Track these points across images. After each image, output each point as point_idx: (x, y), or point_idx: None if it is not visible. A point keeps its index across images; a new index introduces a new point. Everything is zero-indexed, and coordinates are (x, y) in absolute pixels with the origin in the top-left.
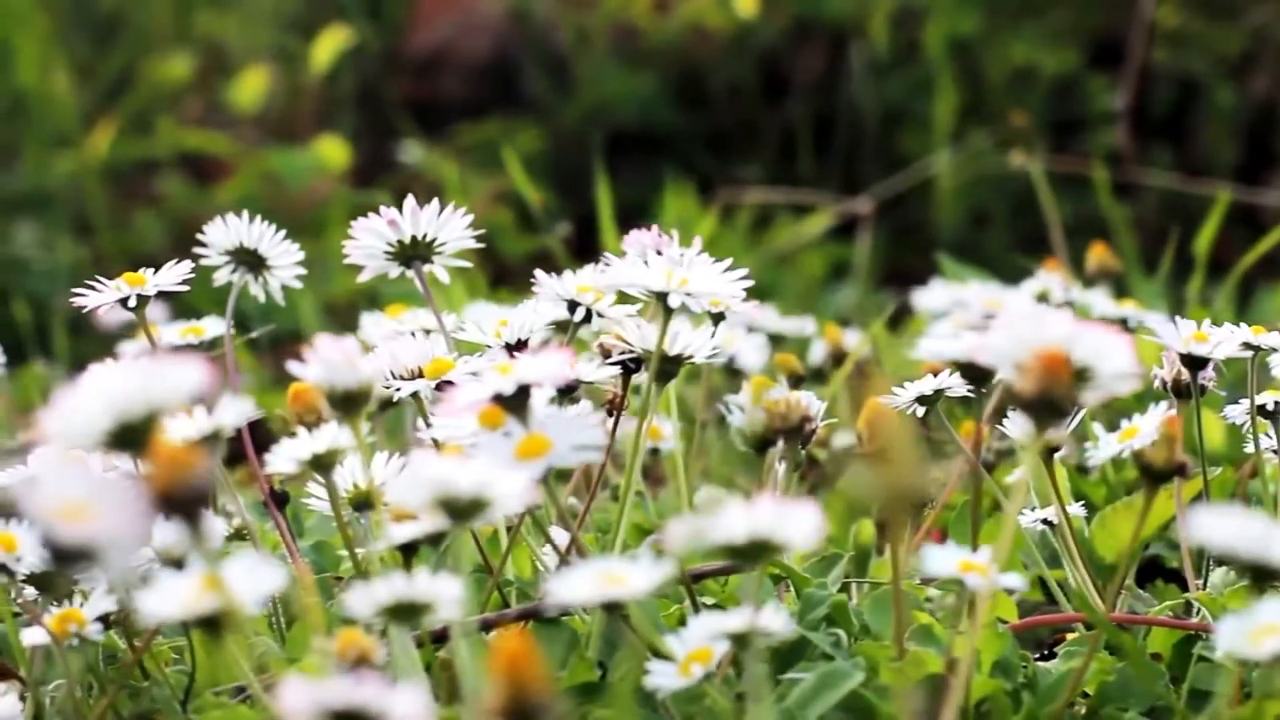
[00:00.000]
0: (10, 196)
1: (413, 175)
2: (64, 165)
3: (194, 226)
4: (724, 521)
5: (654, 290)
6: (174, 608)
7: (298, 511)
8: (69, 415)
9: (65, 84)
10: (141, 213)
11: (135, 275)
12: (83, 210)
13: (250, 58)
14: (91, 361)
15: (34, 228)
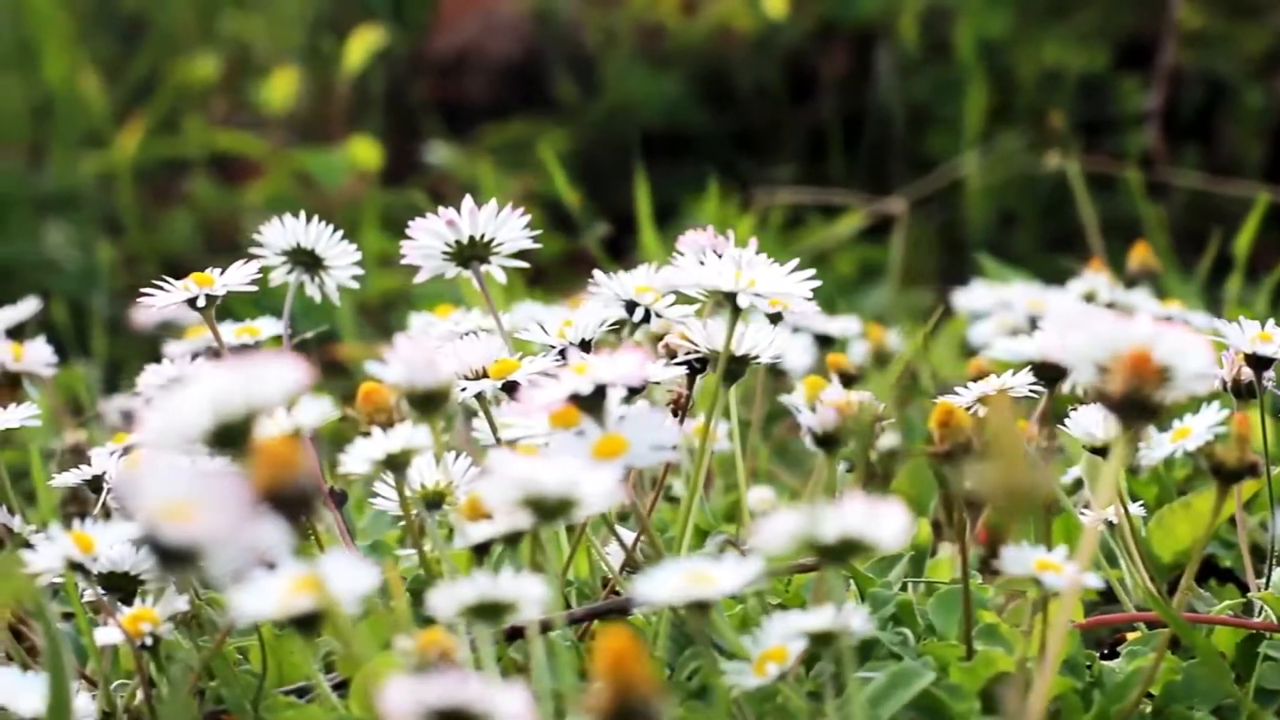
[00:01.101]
0: (40, 197)
1: (440, 176)
2: (92, 165)
3: (223, 227)
4: (814, 521)
5: (723, 291)
6: (269, 606)
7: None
8: (170, 415)
9: (94, 84)
10: (171, 213)
11: (203, 275)
12: (111, 210)
13: (275, 59)
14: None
15: (64, 228)
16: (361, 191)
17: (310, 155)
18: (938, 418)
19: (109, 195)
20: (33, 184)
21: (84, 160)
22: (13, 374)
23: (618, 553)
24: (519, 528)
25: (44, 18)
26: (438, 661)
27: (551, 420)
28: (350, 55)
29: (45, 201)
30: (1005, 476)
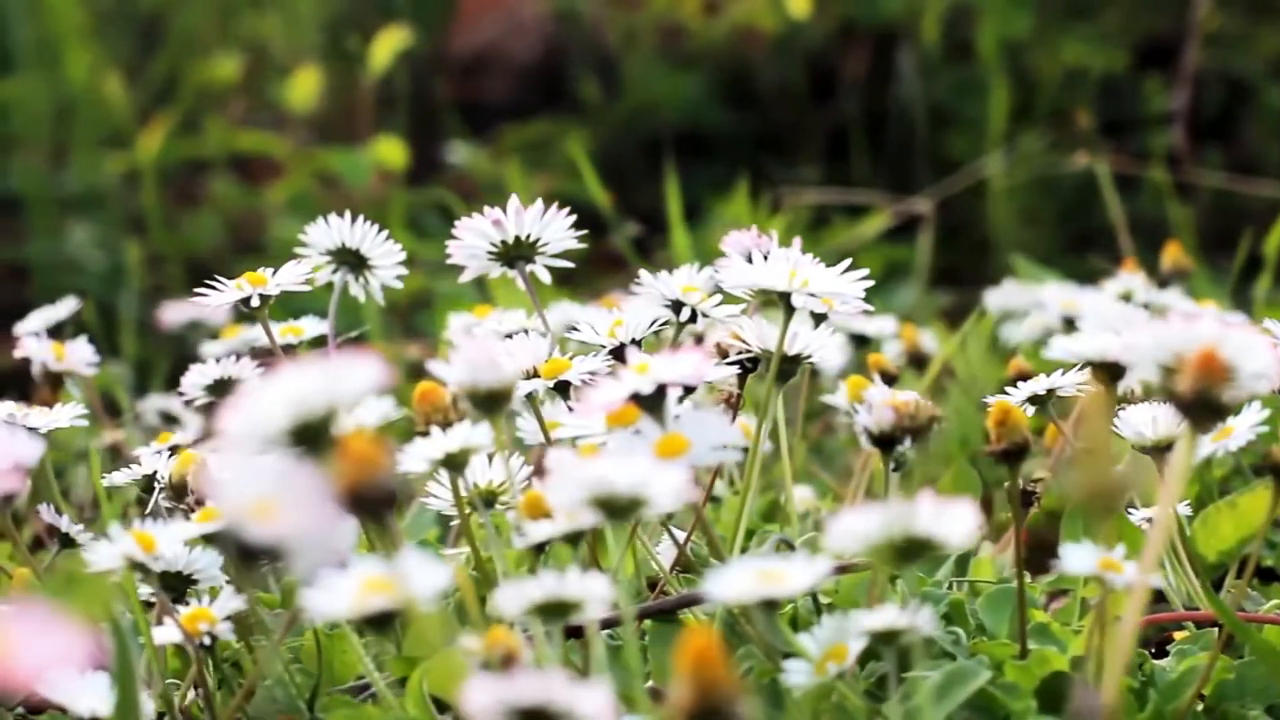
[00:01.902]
0: (64, 197)
1: (461, 176)
2: (115, 165)
3: (245, 226)
4: (883, 520)
5: (778, 290)
6: (343, 606)
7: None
8: (249, 414)
9: (116, 85)
10: (193, 213)
11: (256, 275)
12: (134, 210)
13: (294, 59)
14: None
15: (88, 228)
16: (383, 191)
17: (335, 155)
18: (995, 417)
19: (132, 195)
20: (56, 184)
21: (107, 160)
22: (55, 373)
23: (667, 552)
24: (581, 527)
25: (64, 17)
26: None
27: (609, 420)
28: (376, 55)
29: (69, 201)
30: (1094, 475)
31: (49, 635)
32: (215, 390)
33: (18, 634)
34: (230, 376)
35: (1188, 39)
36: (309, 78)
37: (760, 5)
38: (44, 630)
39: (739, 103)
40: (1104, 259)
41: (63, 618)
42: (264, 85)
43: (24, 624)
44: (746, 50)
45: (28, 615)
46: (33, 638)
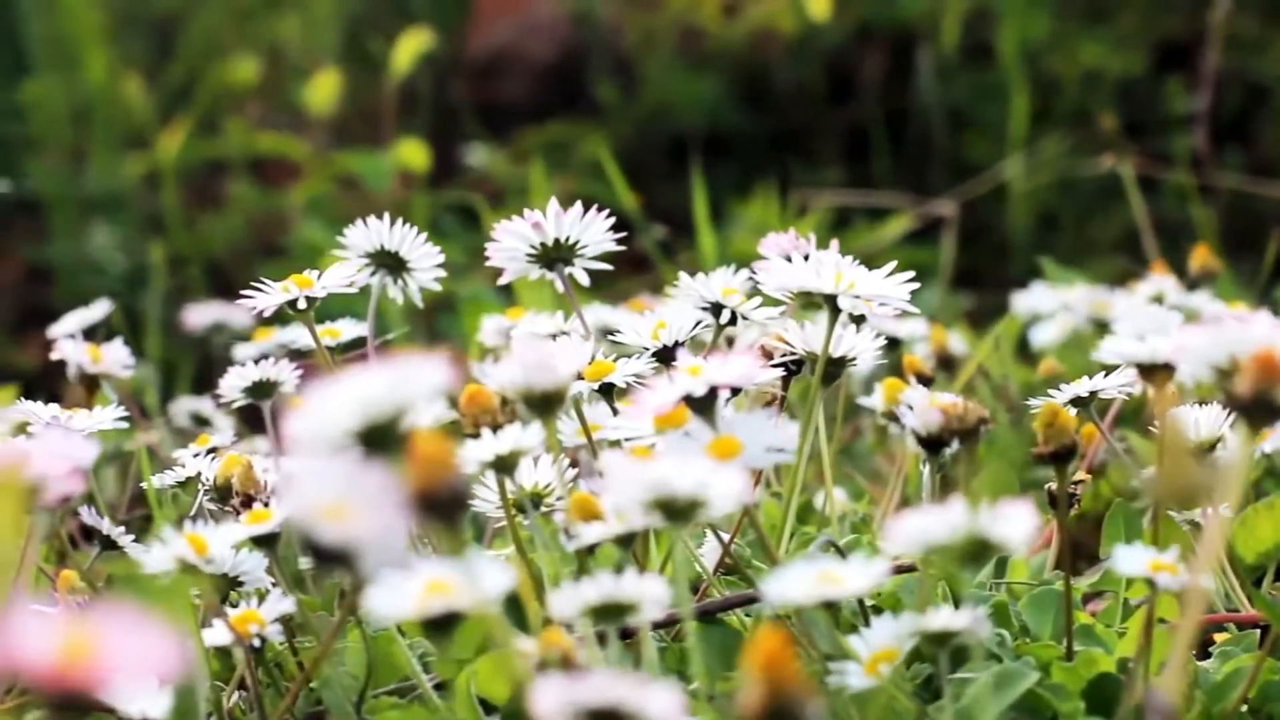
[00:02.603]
0: (84, 198)
1: (480, 177)
2: (136, 167)
3: (264, 228)
4: (941, 520)
5: (823, 293)
6: (406, 607)
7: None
8: (316, 416)
9: (134, 86)
10: (215, 214)
11: (303, 277)
12: (153, 212)
13: (312, 61)
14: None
15: (108, 230)
16: (402, 193)
17: (357, 157)
18: (1043, 418)
19: (151, 197)
20: (76, 186)
21: (127, 162)
22: (91, 375)
23: (710, 554)
24: (633, 529)
25: (81, 19)
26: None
27: (658, 422)
28: (398, 57)
29: (89, 203)
30: (1175, 476)
31: (133, 637)
32: (254, 392)
33: (102, 635)
34: (268, 379)
35: (1207, 41)
36: (329, 80)
37: (780, 7)
38: (128, 632)
39: (756, 104)
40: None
41: (145, 619)
42: (281, 87)
43: (108, 625)
44: (764, 52)
45: (111, 617)
46: (117, 639)
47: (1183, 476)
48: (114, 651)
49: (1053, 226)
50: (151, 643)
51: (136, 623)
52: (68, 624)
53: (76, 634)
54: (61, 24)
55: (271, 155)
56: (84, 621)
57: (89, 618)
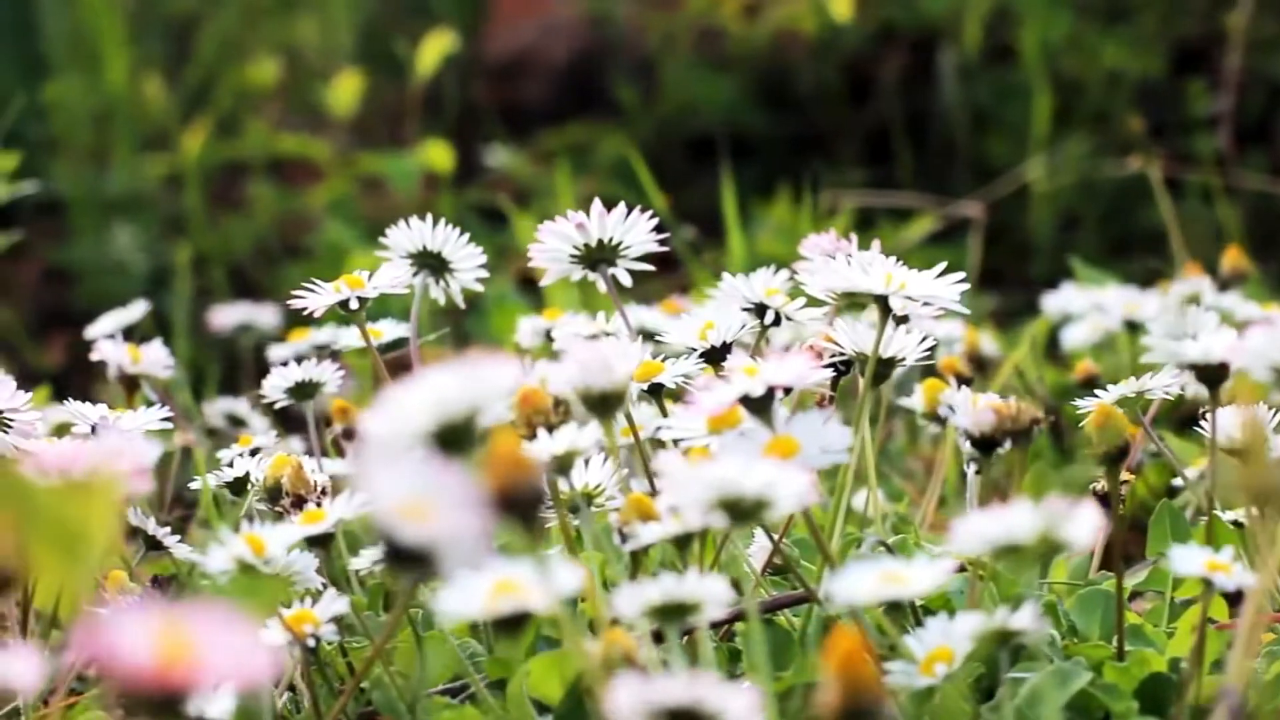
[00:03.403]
0: (106, 200)
1: (499, 179)
2: (157, 168)
3: (286, 230)
4: (1009, 520)
5: (875, 294)
6: (475, 607)
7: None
8: (391, 415)
9: (155, 87)
10: (234, 216)
11: (354, 278)
12: (173, 213)
13: (329, 63)
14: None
15: (130, 231)
16: (423, 195)
17: (383, 159)
18: (1096, 419)
19: (173, 198)
20: (98, 187)
21: (148, 163)
22: (131, 376)
23: (759, 554)
24: (690, 529)
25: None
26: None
27: (712, 423)
28: (423, 59)
29: (111, 204)
30: (1257, 476)
31: (228, 637)
32: (296, 393)
33: (198, 636)
34: (311, 380)
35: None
36: (351, 81)
37: (802, 8)
38: (223, 632)
39: (776, 105)
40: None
41: (238, 620)
42: (299, 88)
43: (202, 626)
44: (784, 53)
45: (204, 617)
46: (213, 640)
47: (1264, 476)
48: (211, 652)
49: (1074, 227)
50: (246, 643)
51: (230, 623)
52: (164, 624)
53: (173, 634)
54: (81, 25)
55: (291, 156)
56: (179, 622)
57: (183, 618)
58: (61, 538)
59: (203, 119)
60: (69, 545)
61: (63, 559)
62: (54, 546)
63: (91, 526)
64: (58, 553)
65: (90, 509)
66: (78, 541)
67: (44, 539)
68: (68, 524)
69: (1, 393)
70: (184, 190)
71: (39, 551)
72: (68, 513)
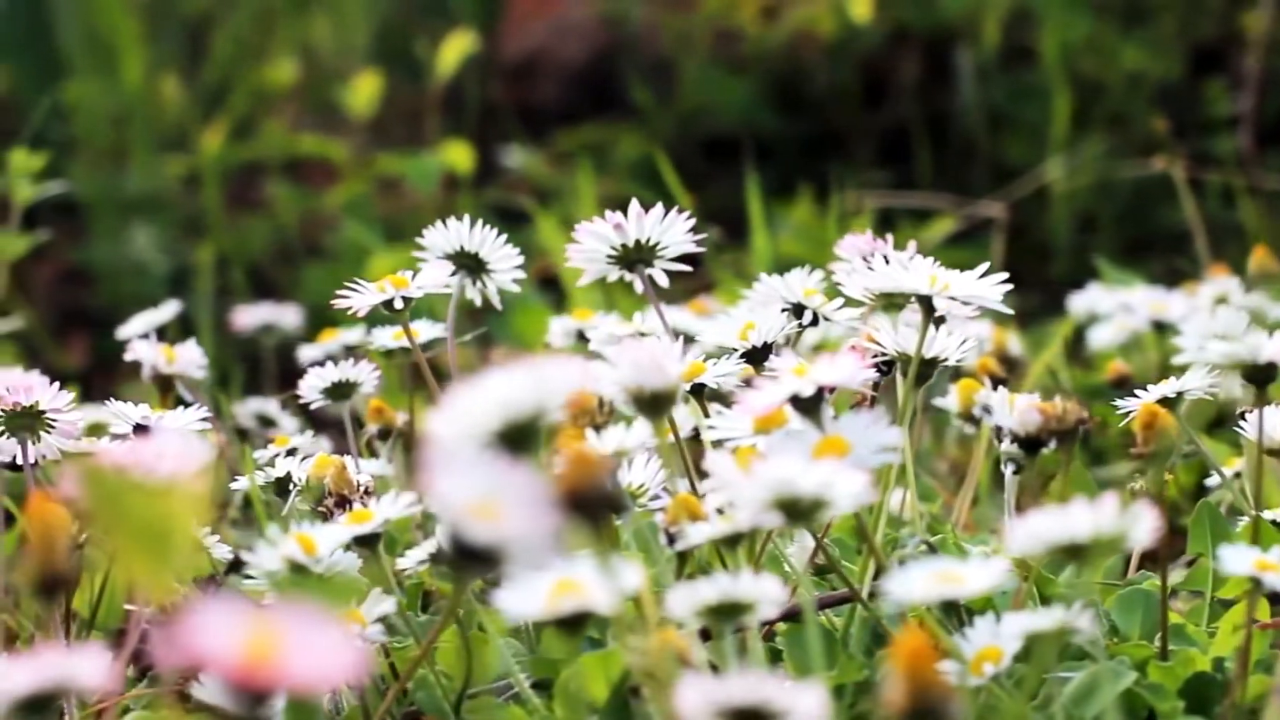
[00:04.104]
0: (125, 200)
1: (515, 179)
2: (174, 169)
3: (304, 229)
4: (1068, 520)
5: (918, 294)
6: (535, 607)
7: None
8: (458, 415)
9: (172, 88)
10: (252, 216)
11: (399, 278)
12: (191, 213)
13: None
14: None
15: (149, 231)
16: (440, 195)
17: (402, 159)
18: (1142, 419)
19: (191, 198)
20: (117, 187)
21: (166, 164)
22: (166, 376)
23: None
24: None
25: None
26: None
27: (759, 423)
28: (444, 59)
29: (129, 205)
30: None
31: (315, 636)
32: (333, 393)
33: (285, 635)
34: (348, 380)
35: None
36: (370, 82)
37: (820, 10)
38: (310, 631)
39: (792, 106)
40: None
41: (324, 619)
42: (313, 89)
43: (290, 624)
44: (802, 54)
45: (291, 616)
46: (300, 639)
47: None
48: (298, 651)
49: (1091, 228)
50: (333, 642)
51: (317, 622)
52: (251, 622)
53: (260, 633)
54: (97, 26)
55: (308, 157)
56: (266, 620)
57: (269, 617)
58: (148, 537)
59: (220, 120)
60: (156, 545)
61: (149, 558)
62: (141, 546)
63: (177, 527)
64: (144, 552)
65: (176, 509)
66: (164, 541)
67: (131, 538)
68: (155, 524)
69: (44, 393)
70: (201, 191)
71: (126, 550)
72: (155, 512)
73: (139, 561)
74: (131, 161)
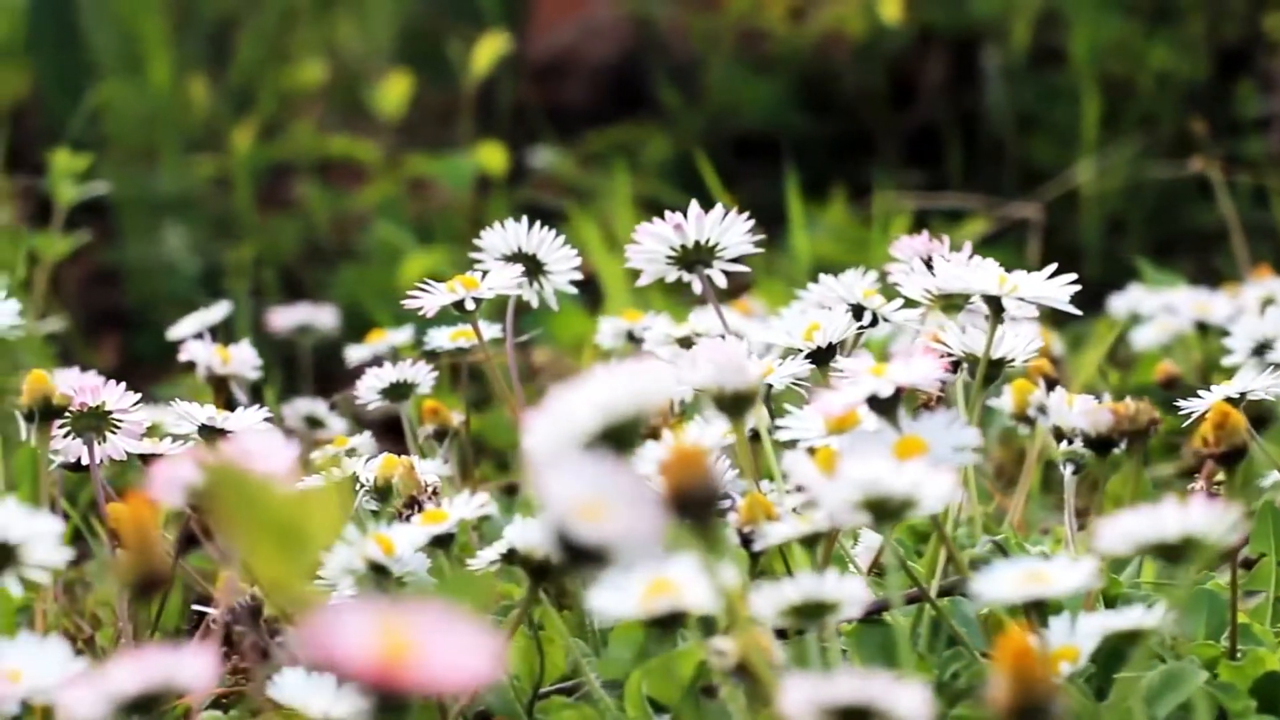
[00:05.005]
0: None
1: (546, 179)
2: (204, 169)
3: (337, 230)
4: (1158, 519)
5: (988, 295)
6: (629, 607)
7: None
8: (559, 417)
9: (201, 89)
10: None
11: (469, 278)
12: (221, 214)
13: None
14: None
15: (180, 232)
16: (468, 196)
17: (435, 160)
18: (1214, 419)
19: (220, 199)
20: (147, 188)
21: (196, 164)
22: (221, 377)
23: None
24: (819, 529)
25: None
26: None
27: (833, 423)
28: (477, 60)
29: (160, 205)
30: None
31: (452, 636)
32: (391, 394)
33: (421, 634)
34: (406, 380)
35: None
36: (400, 83)
37: (849, 10)
38: (446, 631)
39: (819, 107)
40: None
41: (459, 618)
42: (341, 90)
43: (425, 624)
44: (829, 55)
45: (426, 615)
46: (436, 638)
47: None
48: (434, 651)
49: (1120, 229)
50: (469, 642)
51: (453, 622)
52: (386, 622)
53: (395, 632)
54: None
55: (336, 158)
56: (401, 620)
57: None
58: (284, 539)
59: (248, 120)
60: (292, 546)
61: (284, 560)
62: (276, 547)
63: (314, 529)
64: (279, 554)
65: (313, 511)
66: (300, 543)
67: (266, 540)
68: (290, 525)
69: (111, 393)
70: (231, 191)
71: (261, 552)
72: (290, 514)
73: (274, 563)
74: (161, 162)
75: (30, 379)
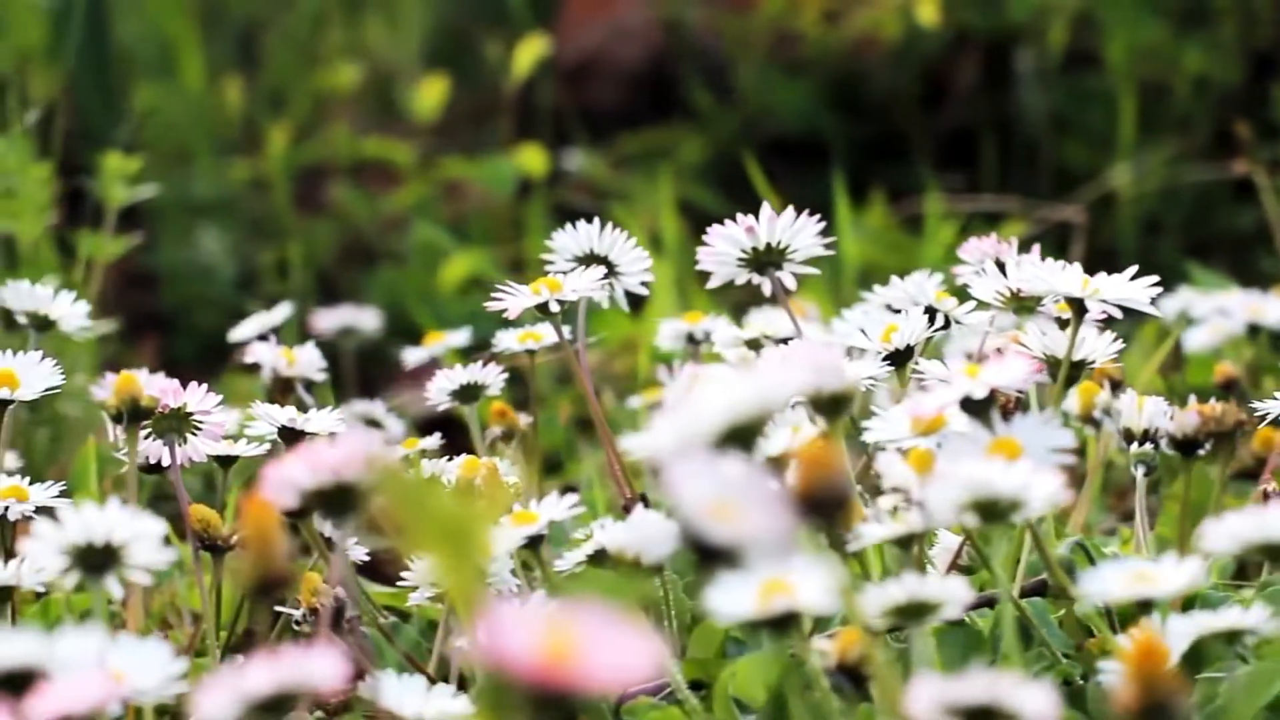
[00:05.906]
0: (192, 203)
1: (578, 182)
2: (239, 172)
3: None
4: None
5: (1071, 297)
6: (746, 608)
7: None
8: (685, 418)
9: (235, 92)
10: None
11: (552, 280)
12: (257, 216)
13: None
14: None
15: (216, 235)
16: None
17: (469, 163)
18: None
19: (256, 201)
20: (183, 191)
21: (231, 167)
22: (286, 379)
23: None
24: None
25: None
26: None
27: (921, 425)
28: (518, 62)
29: (196, 208)
30: None
31: (614, 637)
32: (461, 395)
33: (584, 635)
34: (476, 382)
35: None
36: (436, 86)
37: (884, 13)
38: (608, 632)
39: (852, 110)
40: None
41: (620, 619)
42: (372, 93)
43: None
44: (862, 57)
45: (587, 616)
46: (599, 639)
47: None
48: (598, 652)
49: (1155, 232)
50: (631, 643)
51: (614, 622)
52: (549, 623)
53: (559, 634)
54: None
55: (369, 160)
56: (565, 621)
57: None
58: (453, 541)
59: (282, 123)
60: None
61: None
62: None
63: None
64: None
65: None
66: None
67: (437, 542)
68: (459, 527)
69: (194, 395)
70: (266, 194)
71: (431, 554)
72: (459, 516)
73: (444, 565)
74: (196, 165)
75: (119, 381)
